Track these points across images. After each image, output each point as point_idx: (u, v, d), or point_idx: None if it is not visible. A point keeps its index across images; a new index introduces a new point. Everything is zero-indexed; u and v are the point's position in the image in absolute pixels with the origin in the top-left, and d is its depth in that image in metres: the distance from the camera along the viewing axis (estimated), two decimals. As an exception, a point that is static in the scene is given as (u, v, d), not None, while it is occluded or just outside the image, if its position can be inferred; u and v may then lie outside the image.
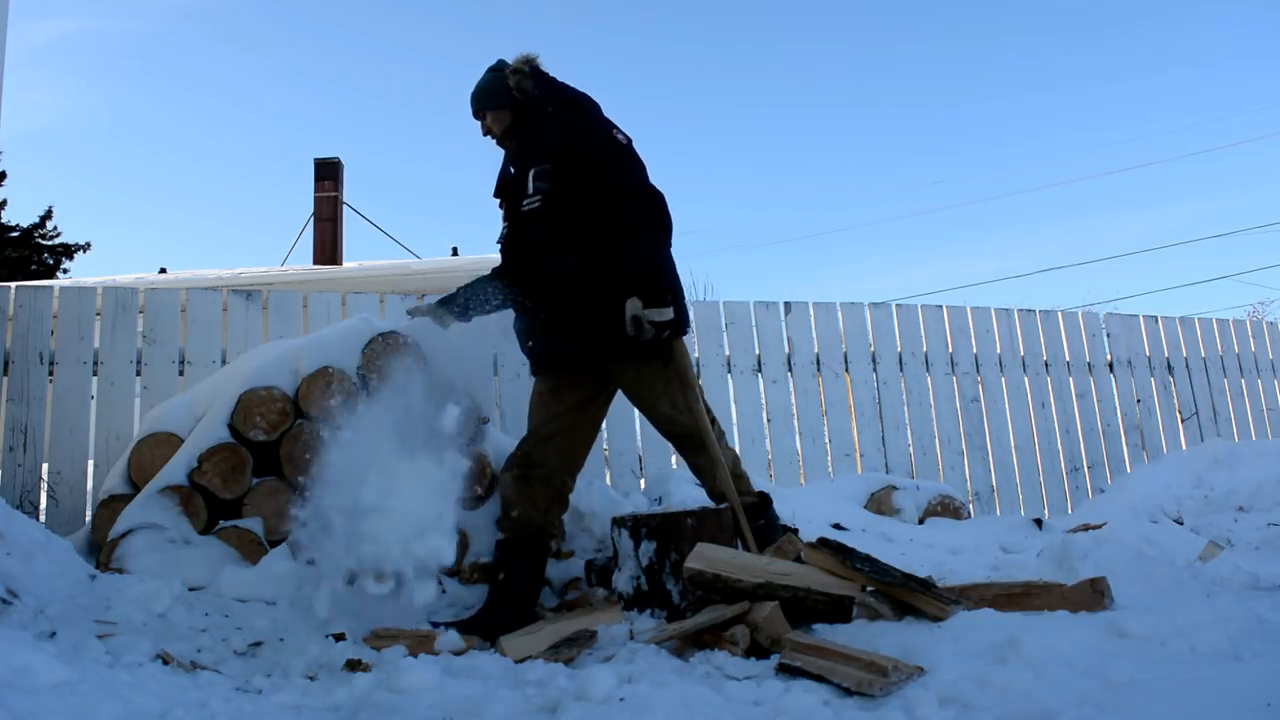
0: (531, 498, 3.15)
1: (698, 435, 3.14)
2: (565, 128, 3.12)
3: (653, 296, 2.94)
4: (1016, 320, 5.79)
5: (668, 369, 3.14)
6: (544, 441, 3.20)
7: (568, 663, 2.37)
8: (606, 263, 3.02)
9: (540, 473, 3.16)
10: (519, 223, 3.23)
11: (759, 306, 5.25)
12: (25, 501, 4.00)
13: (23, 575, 2.64)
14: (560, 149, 3.09)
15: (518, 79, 3.20)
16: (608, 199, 3.05)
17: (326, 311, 4.58)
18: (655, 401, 3.17)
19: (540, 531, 3.18)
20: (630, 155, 3.14)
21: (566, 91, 3.24)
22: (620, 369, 3.18)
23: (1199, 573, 2.96)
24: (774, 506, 3.28)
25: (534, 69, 3.23)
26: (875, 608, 2.44)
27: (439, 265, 9.45)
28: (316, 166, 12.16)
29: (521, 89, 3.20)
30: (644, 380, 3.16)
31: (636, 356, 3.12)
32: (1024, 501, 5.46)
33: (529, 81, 3.19)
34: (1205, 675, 1.90)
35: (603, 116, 3.20)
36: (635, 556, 2.82)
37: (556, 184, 3.09)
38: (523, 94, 3.20)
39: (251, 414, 3.35)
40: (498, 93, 3.23)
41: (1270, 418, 6.40)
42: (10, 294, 4.26)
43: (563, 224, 3.09)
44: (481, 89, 3.28)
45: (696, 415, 3.15)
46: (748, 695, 1.97)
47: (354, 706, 1.99)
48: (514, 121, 3.23)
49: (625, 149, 3.14)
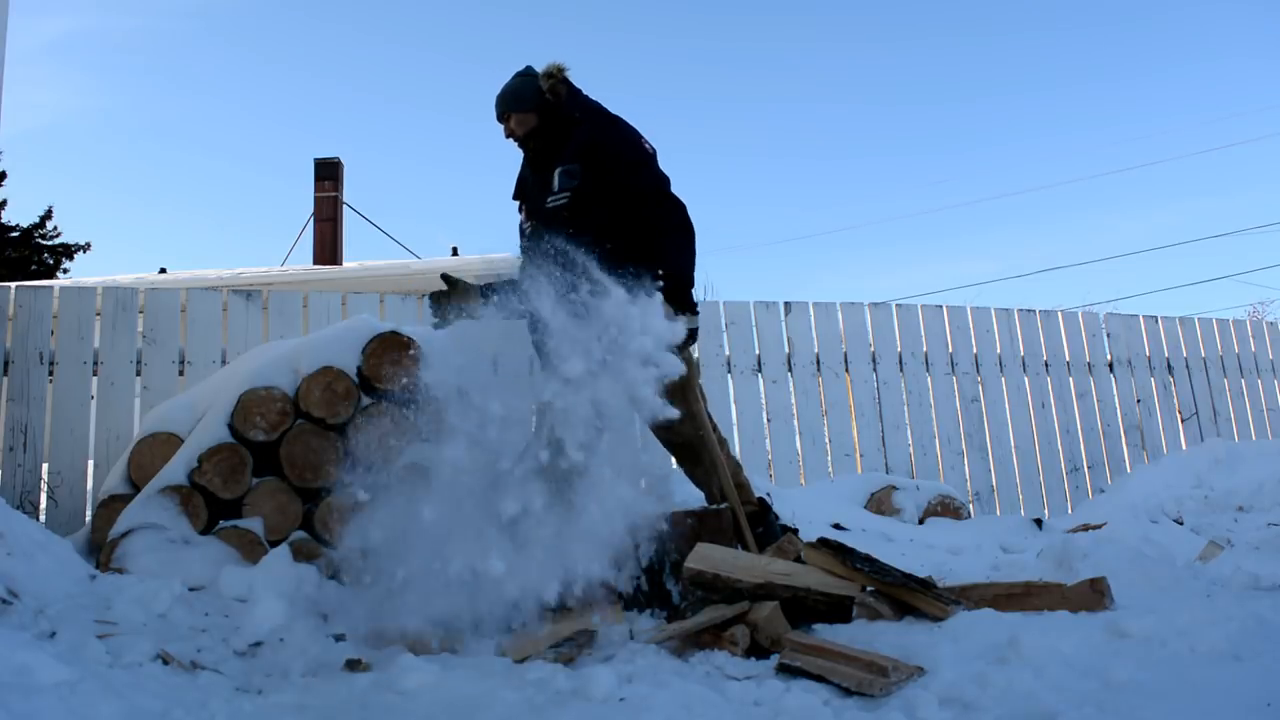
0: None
1: (696, 444, 3.16)
2: (596, 131, 3.17)
3: (682, 303, 2.96)
4: (1016, 320, 5.80)
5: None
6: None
7: (568, 663, 2.37)
8: (635, 260, 2.98)
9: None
10: (542, 221, 3.24)
11: (759, 306, 5.26)
12: (25, 501, 4.00)
13: (23, 575, 2.64)
14: (591, 149, 3.13)
15: (552, 83, 3.25)
16: (634, 203, 3.10)
17: (326, 311, 4.58)
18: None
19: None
20: (656, 165, 3.20)
21: (594, 103, 3.30)
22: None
23: (1199, 573, 2.96)
24: (774, 512, 3.29)
25: (565, 76, 3.28)
26: (875, 608, 2.44)
27: (439, 265, 9.45)
28: (316, 166, 12.17)
29: (555, 93, 3.24)
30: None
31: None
32: (1024, 501, 5.46)
33: (562, 86, 3.24)
34: (1205, 675, 1.90)
35: (632, 127, 3.26)
36: (635, 556, 2.82)
37: (585, 182, 3.12)
38: (555, 98, 3.24)
39: (251, 414, 3.35)
40: (528, 96, 3.26)
41: (1270, 418, 6.40)
42: (10, 294, 4.27)
43: (589, 222, 3.09)
44: (510, 91, 3.31)
45: (698, 424, 3.15)
46: (748, 695, 1.97)
47: (354, 706, 1.98)
48: (538, 125, 3.26)
49: (652, 158, 3.20)
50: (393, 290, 5.64)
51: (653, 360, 2.72)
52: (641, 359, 2.71)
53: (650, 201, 3.12)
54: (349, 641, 2.60)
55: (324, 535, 3.33)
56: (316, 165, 12.17)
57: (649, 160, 3.19)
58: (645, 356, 2.72)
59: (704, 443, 3.16)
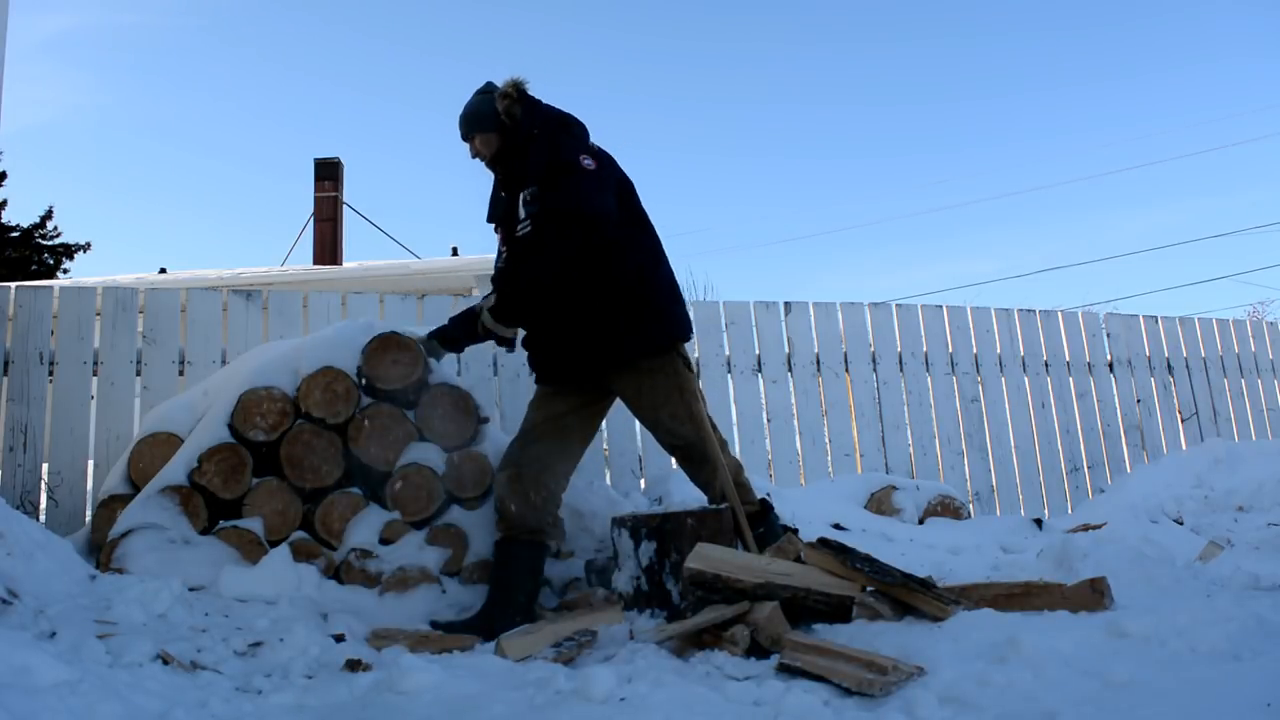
0: (524, 497, 3.16)
1: (699, 446, 3.15)
2: (547, 149, 3.12)
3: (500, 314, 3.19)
4: (1016, 320, 5.79)
5: (669, 380, 3.14)
6: (536, 441, 3.21)
7: (568, 663, 2.37)
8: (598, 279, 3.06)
9: (532, 472, 3.17)
10: (516, 250, 3.23)
11: (759, 306, 5.25)
12: (25, 501, 4.00)
13: (23, 575, 2.64)
14: (541, 169, 3.11)
15: (506, 104, 3.18)
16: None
17: (326, 311, 4.57)
18: (656, 413, 3.18)
19: (536, 530, 3.18)
20: (577, 178, 3.07)
21: (551, 112, 3.23)
22: (621, 379, 3.19)
23: (1199, 573, 2.96)
24: (775, 513, 3.28)
25: (521, 93, 3.21)
26: (875, 608, 2.44)
27: (439, 265, 9.45)
28: (316, 166, 12.19)
29: (510, 114, 3.18)
30: (645, 391, 3.17)
31: (638, 367, 3.13)
32: (1024, 501, 5.46)
33: (517, 107, 3.18)
34: (1205, 675, 1.90)
35: (576, 137, 3.16)
36: (635, 556, 2.82)
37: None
38: (511, 119, 3.18)
39: (251, 414, 3.35)
40: (486, 116, 3.21)
41: (1270, 418, 6.40)
42: (10, 294, 4.26)
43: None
44: (470, 112, 3.26)
45: (698, 424, 3.15)
46: (748, 695, 1.97)
47: (354, 706, 1.99)
48: (501, 145, 3.22)
49: (575, 172, 3.07)
50: (393, 290, 5.65)
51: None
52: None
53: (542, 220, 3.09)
54: (349, 641, 2.60)
55: (324, 535, 3.33)
56: (316, 165, 12.19)
57: (567, 171, 3.07)
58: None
59: (706, 444, 3.16)
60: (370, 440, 3.40)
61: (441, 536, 3.37)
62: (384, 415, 3.43)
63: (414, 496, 3.39)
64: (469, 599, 3.24)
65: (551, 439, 3.22)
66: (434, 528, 3.38)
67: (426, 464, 3.40)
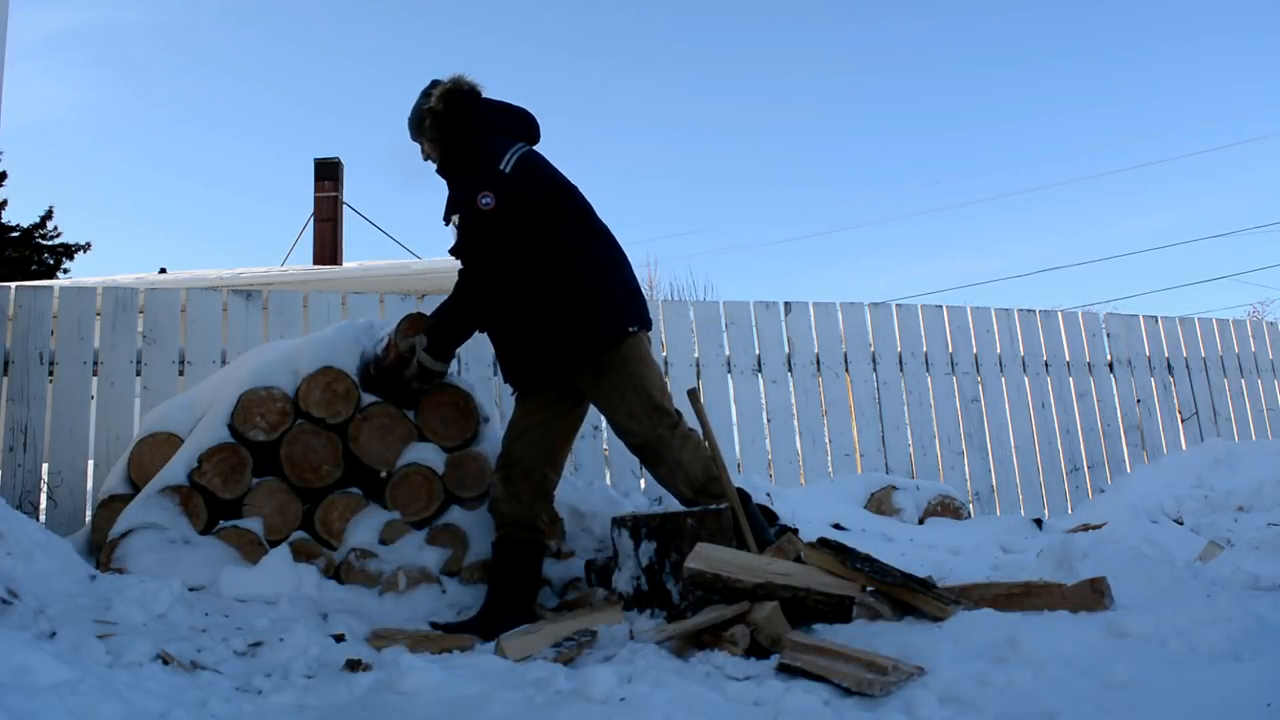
0: (515, 494, 3.17)
1: (653, 445, 3.06)
2: (465, 179, 3.10)
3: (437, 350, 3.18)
4: (1016, 320, 5.80)
5: (620, 379, 3.08)
6: (520, 438, 3.22)
7: (568, 663, 2.37)
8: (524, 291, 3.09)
9: (521, 469, 3.19)
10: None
11: (759, 306, 5.26)
12: (25, 501, 4.00)
13: (23, 575, 2.64)
14: (460, 199, 3.11)
15: (433, 116, 3.11)
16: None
17: (326, 311, 4.58)
18: (612, 412, 3.13)
19: (530, 528, 3.18)
20: (476, 223, 3.05)
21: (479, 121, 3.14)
22: (582, 378, 3.16)
23: (1199, 573, 2.96)
24: (774, 513, 3.27)
25: (451, 99, 3.12)
26: (875, 608, 2.44)
27: (439, 265, 9.43)
28: (316, 166, 12.17)
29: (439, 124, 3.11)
30: (601, 391, 3.13)
31: (584, 369, 3.11)
32: (1024, 501, 5.46)
33: (439, 124, 3.11)
34: (1205, 675, 1.89)
35: (484, 164, 3.04)
36: (635, 556, 2.82)
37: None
38: (441, 130, 3.11)
39: (251, 414, 3.35)
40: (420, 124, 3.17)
41: (1270, 418, 6.40)
42: (10, 294, 4.26)
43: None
44: (411, 114, 3.19)
45: (655, 424, 3.05)
46: (748, 695, 1.97)
47: (354, 706, 1.98)
48: (444, 153, 3.17)
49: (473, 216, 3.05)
50: (393, 290, 5.64)
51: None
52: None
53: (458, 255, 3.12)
54: (349, 641, 2.60)
55: (324, 535, 3.33)
56: (316, 165, 12.17)
57: (473, 219, 3.04)
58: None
59: (662, 442, 3.05)
60: (370, 440, 3.40)
61: (441, 536, 3.37)
62: (384, 415, 3.43)
63: (414, 496, 3.39)
64: (469, 599, 3.24)
65: (534, 433, 3.23)
66: (434, 528, 3.39)
67: (426, 464, 3.40)
